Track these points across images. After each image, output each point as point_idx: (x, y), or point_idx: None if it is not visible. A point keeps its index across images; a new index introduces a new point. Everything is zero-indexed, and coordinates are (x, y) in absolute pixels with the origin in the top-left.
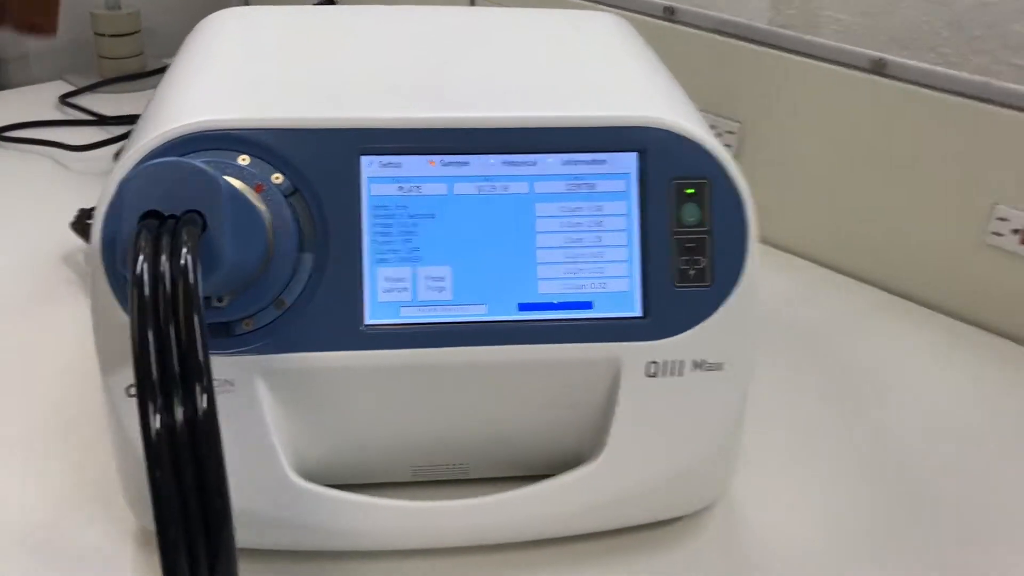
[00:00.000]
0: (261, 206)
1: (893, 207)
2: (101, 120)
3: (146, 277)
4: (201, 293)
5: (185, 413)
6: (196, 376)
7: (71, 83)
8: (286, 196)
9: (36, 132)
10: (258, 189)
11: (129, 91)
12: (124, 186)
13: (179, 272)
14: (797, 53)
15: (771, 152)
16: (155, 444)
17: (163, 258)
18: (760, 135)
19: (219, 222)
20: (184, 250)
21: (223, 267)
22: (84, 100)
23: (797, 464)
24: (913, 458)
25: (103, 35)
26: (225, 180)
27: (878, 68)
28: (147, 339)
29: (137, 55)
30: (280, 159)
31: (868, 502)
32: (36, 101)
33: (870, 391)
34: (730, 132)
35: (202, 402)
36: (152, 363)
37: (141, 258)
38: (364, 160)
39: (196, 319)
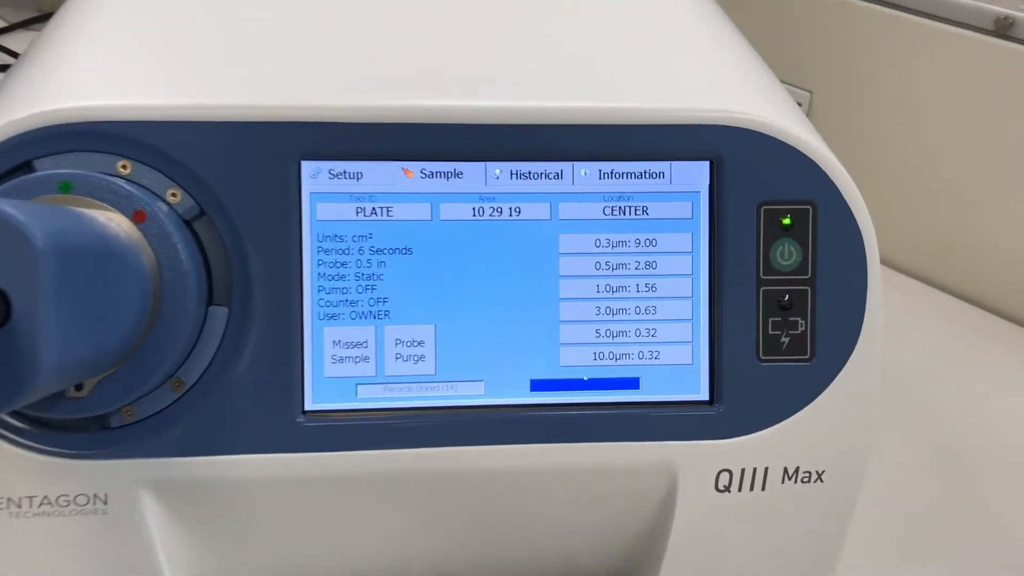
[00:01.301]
0: (139, 245)
1: (1018, 209)
2: None
3: None
4: None
5: None
6: None
7: (2, 18)
8: (187, 222)
9: None
10: (137, 218)
11: None
12: None
13: None
14: (889, 5)
15: (850, 131)
16: None
17: None
18: (835, 109)
19: (34, 303)
20: None
21: (39, 374)
22: (14, 40)
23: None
24: None
25: None
26: (66, 217)
27: (1003, 29)
28: None
29: None
30: (178, 167)
31: None
32: None
33: (997, 461)
34: (796, 103)
35: None
36: None
37: None
38: (306, 168)
39: None
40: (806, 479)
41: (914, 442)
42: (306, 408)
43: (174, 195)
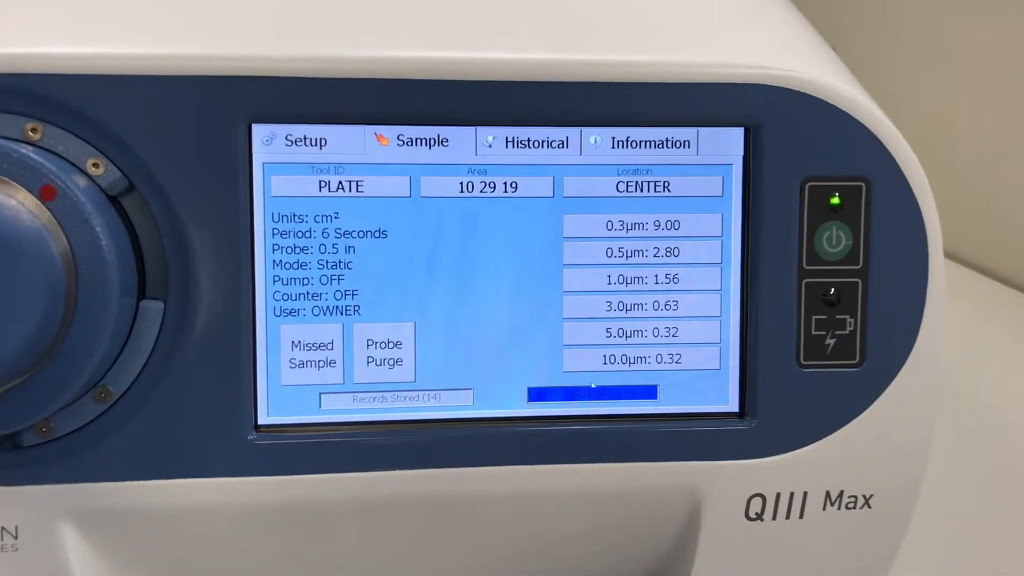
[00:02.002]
0: (48, 228)
1: None
2: None
3: None
4: None
5: None
6: None
7: None
8: (113, 198)
9: None
10: (45, 195)
11: None
12: None
13: None
14: None
15: (879, 94)
16: None
17: None
18: (863, 68)
19: None
20: None
21: None
22: None
23: None
24: None
25: None
26: None
27: None
28: None
29: None
30: (102, 131)
31: None
32: None
33: None
34: None
35: None
36: None
37: None
38: (257, 132)
39: None
40: (851, 504)
41: (958, 438)
42: (259, 422)
43: (96, 165)
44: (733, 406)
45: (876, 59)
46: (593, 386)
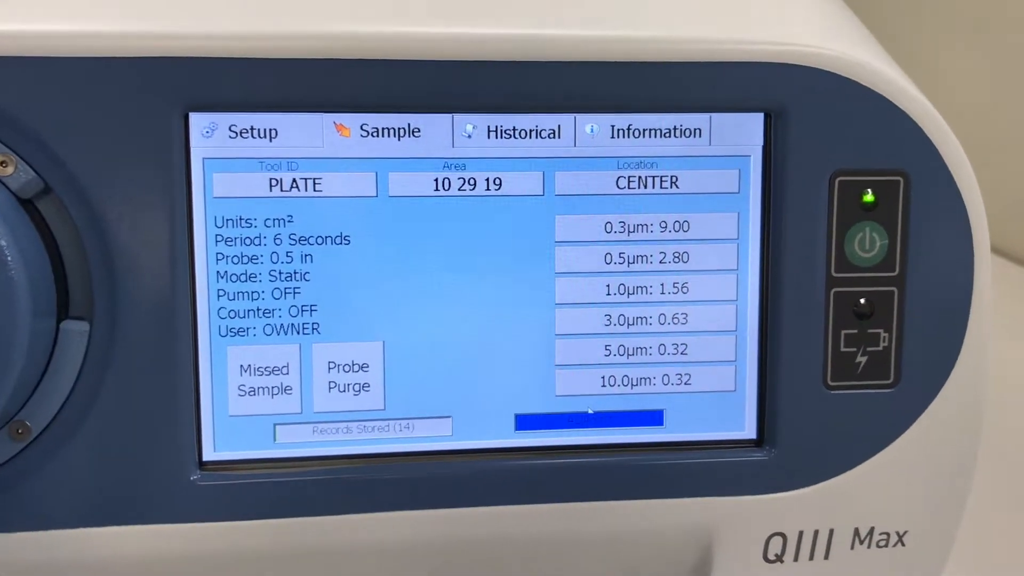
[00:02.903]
0: None
1: None
2: None
3: None
4: None
5: None
6: None
7: None
8: (25, 202)
9: None
10: None
11: None
12: None
13: None
14: None
15: (921, 80)
16: None
17: None
18: (904, 54)
19: None
20: None
21: None
22: None
23: None
24: None
25: None
26: None
27: None
28: None
29: None
30: (10, 123)
31: None
32: None
33: None
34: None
35: None
36: None
37: None
38: (195, 123)
39: None
40: (883, 543)
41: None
42: (204, 459)
43: (5, 164)
44: (750, 433)
45: (924, 44)
46: (590, 412)
